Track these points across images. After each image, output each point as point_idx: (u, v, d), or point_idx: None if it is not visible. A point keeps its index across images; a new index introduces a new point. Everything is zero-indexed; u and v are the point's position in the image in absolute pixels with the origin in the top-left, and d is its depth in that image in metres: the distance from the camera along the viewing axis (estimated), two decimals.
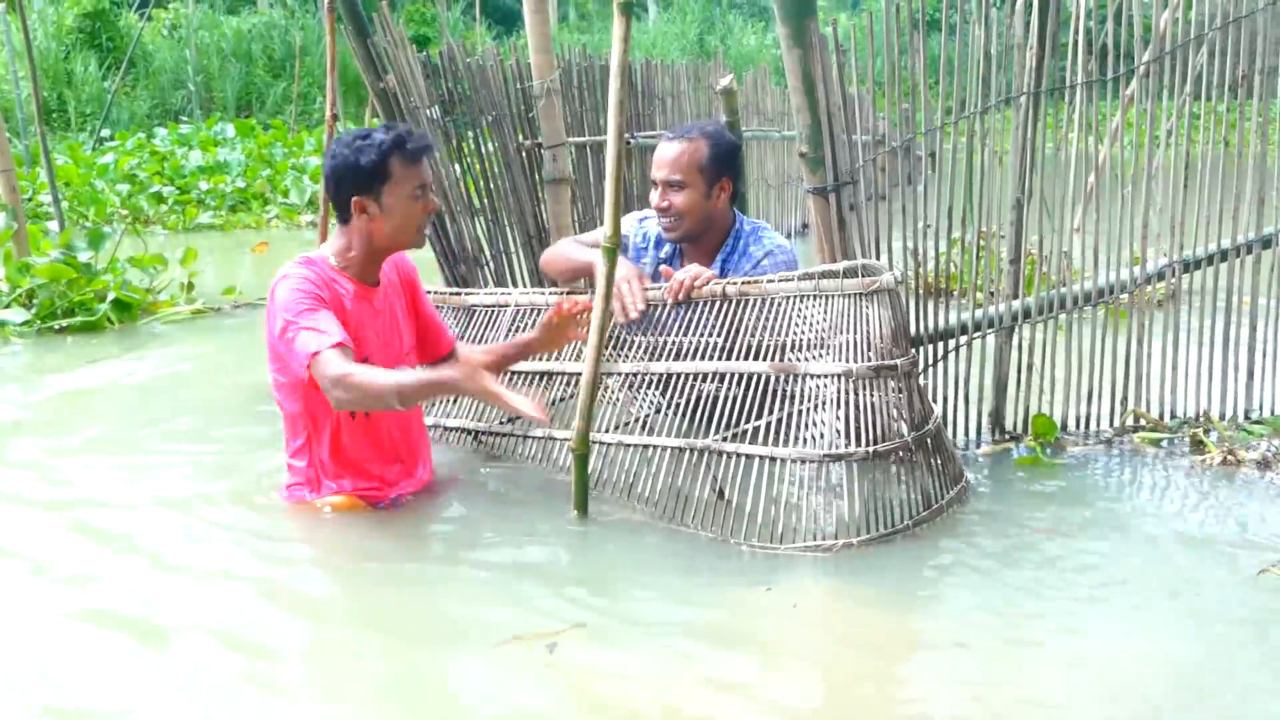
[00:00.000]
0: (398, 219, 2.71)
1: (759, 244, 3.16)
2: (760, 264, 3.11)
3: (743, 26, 27.10)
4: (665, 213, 3.08)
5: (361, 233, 2.73)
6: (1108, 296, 3.31)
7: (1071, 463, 3.19)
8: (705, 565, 2.51)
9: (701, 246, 3.15)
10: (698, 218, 3.07)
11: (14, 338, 5.24)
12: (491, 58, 4.37)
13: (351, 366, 2.50)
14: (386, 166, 2.67)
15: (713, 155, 3.04)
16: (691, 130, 3.12)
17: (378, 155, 2.65)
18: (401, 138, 2.68)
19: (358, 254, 2.76)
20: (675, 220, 3.08)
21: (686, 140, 3.06)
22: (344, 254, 2.76)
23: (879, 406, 2.65)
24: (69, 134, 15.80)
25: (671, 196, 3.05)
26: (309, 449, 2.79)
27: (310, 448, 2.79)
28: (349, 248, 2.76)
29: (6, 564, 2.55)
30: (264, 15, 20.95)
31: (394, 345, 2.86)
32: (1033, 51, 3.13)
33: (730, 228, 3.18)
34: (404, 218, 2.71)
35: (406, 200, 2.70)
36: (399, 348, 2.88)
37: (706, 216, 3.09)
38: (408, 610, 2.33)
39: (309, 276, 2.67)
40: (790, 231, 8.94)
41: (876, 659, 2.14)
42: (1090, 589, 2.39)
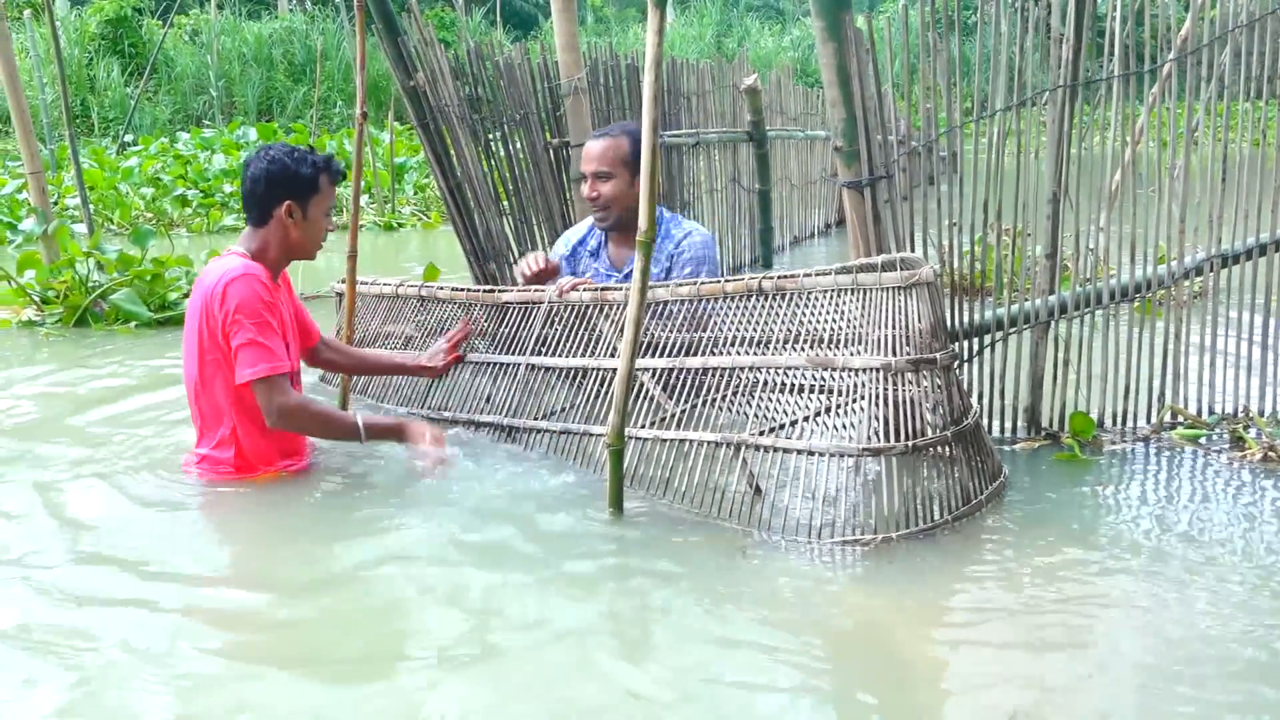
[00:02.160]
0: (312, 231, 3.02)
1: (679, 227, 3.56)
2: (681, 244, 3.50)
3: (759, 29, 27.09)
4: (595, 202, 3.45)
5: (279, 236, 2.99)
6: (1145, 292, 3.28)
7: (1109, 459, 3.16)
8: (739, 562, 2.49)
9: (625, 235, 3.48)
10: (623, 204, 3.43)
11: (50, 337, 5.28)
12: (519, 56, 4.38)
13: (299, 400, 2.94)
14: (318, 181, 2.99)
15: (634, 150, 3.36)
16: (614, 129, 3.52)
17: (312, 170, 2.97)
18: (329, 159, 3.04)
19: (273, 255, 3.01)
20: (604, 209, 3.46)
21: (610, 138, 3.45)
22: (261, 254, 3.00)
23: (918, 401, 2.63)
24: (92, 139, 15.92)
25: (600, 186, 3.43)
26: (236, 434, 2.96)
27: (237, 433, 2.96)
28: (266, 249, 3.00)
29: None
30: (284, 20, 21.05)
31: (296, 336, 3.14)
32: (1068, 45, 3.11)
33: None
34: (316, 230, 3.03)
35: (322, 216, 3.03)
36: (299, 339, 3.18)
37: (630, 204, 3.39)
38: (440, 607, 2.32)
39: (261, 279, 2.91)
40: (814, 231, 8.93)
41: (913, 654, 2.12)
42: (1129, 586, 2.36)
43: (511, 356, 3.44)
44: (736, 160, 6.97)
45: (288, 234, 2.98)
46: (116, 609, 2.31)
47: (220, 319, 2.85)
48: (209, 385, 2.93)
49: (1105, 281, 3.29)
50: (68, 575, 2.47)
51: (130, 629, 2.20)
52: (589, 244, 3.69)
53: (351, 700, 1.94)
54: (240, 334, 2.83)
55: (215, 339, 2.87)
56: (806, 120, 8.65)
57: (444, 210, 10.79)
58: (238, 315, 2.83)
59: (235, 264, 2.90)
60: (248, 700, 1.95)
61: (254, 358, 2.83)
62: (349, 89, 18.65)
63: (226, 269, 2.89)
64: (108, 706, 1.93)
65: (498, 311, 3.52)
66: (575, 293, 3.31)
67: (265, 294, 2.88)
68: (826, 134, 9.05)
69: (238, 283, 2.85)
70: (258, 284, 2.87)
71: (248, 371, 2.84)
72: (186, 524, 2.82)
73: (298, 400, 2.93)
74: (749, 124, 6.97)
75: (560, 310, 3.36)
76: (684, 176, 5.98)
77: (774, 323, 2.86)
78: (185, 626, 2.24)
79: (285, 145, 3.02)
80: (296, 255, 3.06)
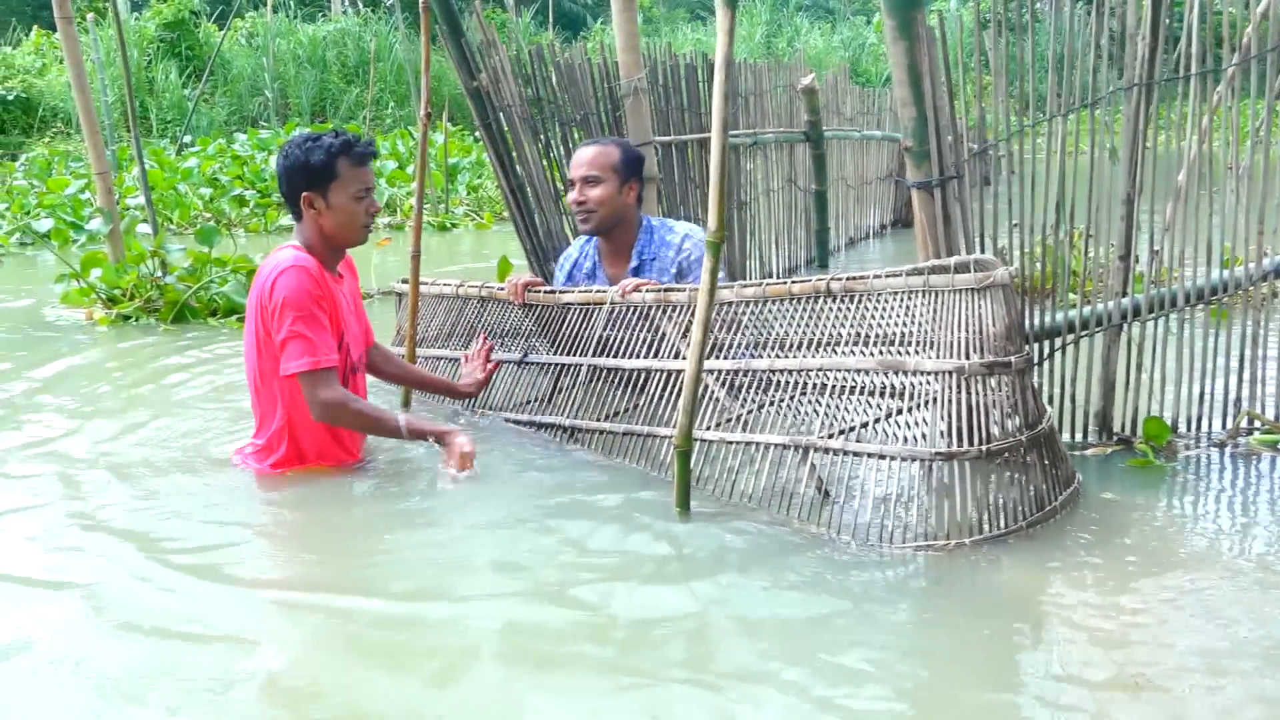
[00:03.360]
0: (342, 217, 2.95)
1: (672, 232, 3.57)
2: (682, 247, 3.52)
3: (809, 28, 26.94)
4: (582, 205, 3.46)
5: (314, 228, 2.97)
6: (1220, 294, 3.21)
7: (1184, 466, 3.09)
8: (810, 563, 2.46)
9: (618, 246, 3.55)
10: (610, 209, 3.46)
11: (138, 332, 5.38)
12: (580, 57, 4.38)
13: (343, 395, 2.91)
14: (334, 167, 2.91)
15: (623, 158, 3.47)
16: (605, 139, 3.61)
17: (326, 156, 2.89)
18: (349, 141, 2.93)
19: (317, 247, 2.99)
20: (590, 213, 3.47)
21: (600, 145, 3.50)
22: (309, 247, 2.99)
23: (992, 405, 2.59)
24: (150, 140, 16.18)
25: (588, 191, 3.45)
26: (286, 426, 2.99)
27: (287, 425, 2.99)
28: (310, 242, 2.99)
29: None
30: (338, 22, 21.27)
31: (360, 330, 3.18)
32: (1144, 42, 3.04)
33: (638, 225, 3.57)
34: (348, 216, 2.95)
35: (351, 200, 2.94)
36: (362, 330, 3.21)
37: (618, 210, 3.47)
38: (505, 614, 2.32)
39: (314, 273, 2.90)
40: (870, 231, 8.85)
41: (983, 661, 2.08)
42: (1206, 595, 2.30)
43: (573, 358, 3.44)
44: (793, 160, 6.93)
45: (320, 224, 2.96)
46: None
47: (270, 311, 2.89)
48: (266, 378, 2.98)
49: (1180, 284, 3.22)
50: (114, 558, 2.50)
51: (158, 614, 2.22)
52: (584, 266, 3.71)
53: (436, 699, 1.94)
54: (286, 327, 2.85)
55: (268, 331, 2.91)
56: (862, 120, 8.58)
57: (496, 211, 10.91)
58: (284, 308, 2.85)
59: (286, 257, 2.93)
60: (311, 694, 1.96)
61: (298, 350, 2.85)
62: (401, 90, 18.80)
63: (277, 262, 2.92)
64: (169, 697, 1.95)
65: (559, 312, 3.52)
66: (638, 294, 3.31)
67: (313, 286, 2.88)
68: (882, 134, 8.98)
69: (285, 275, 2.88)
70: (305, 276, 2.88)
71: (292, 364, 2.86)
72: (231, 514, 2.85)
73: (340, 395, 2.91)
74: (806, 124, 6.93)
75: (622, 311, 3.35)
76: (741, 177, 5.95)
77: (841, 324, 2.83)
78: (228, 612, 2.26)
79: (303, 134, 2.98)
80: (339, 243, 3.01)
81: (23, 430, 3.64)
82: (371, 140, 3.06)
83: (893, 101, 9.24)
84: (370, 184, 2.98)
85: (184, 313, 5.65)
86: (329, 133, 2.95)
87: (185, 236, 9.42)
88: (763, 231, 6.42)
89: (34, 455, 3.35)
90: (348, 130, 3.06)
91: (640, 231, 3.56)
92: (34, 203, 10.03)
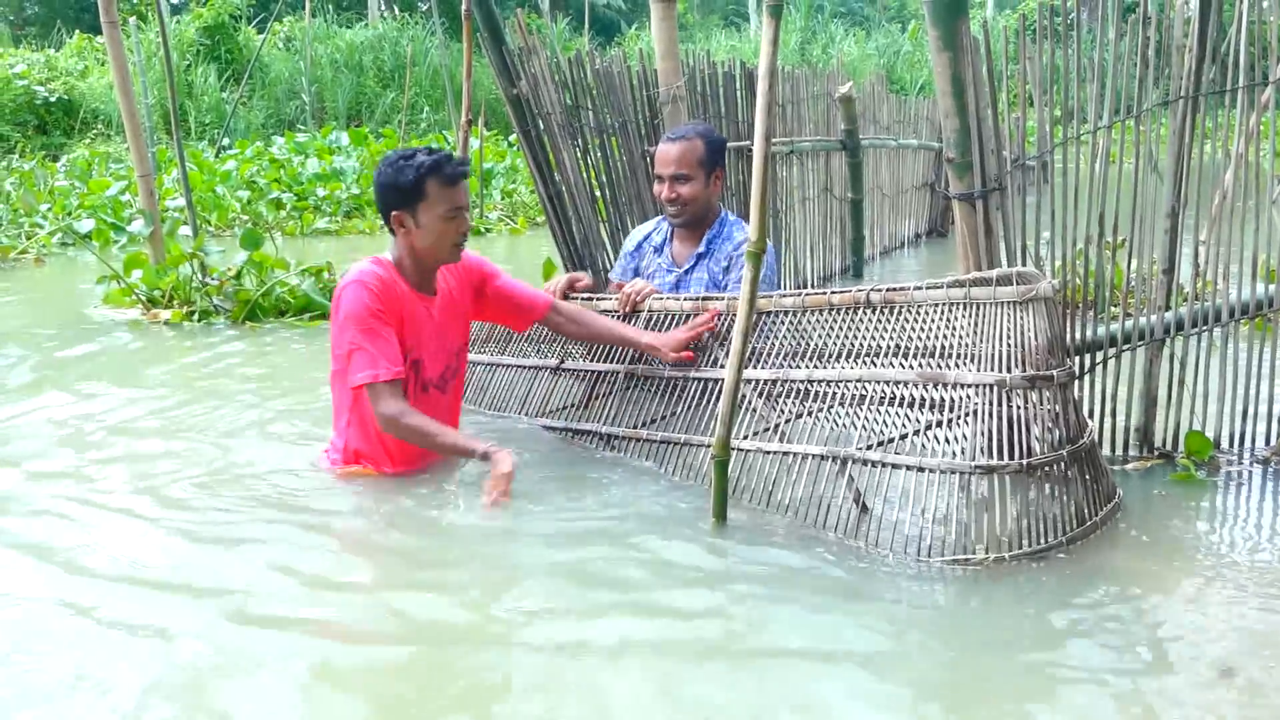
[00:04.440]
0: (432, 237, 2.92)
1: (741, 230, 3.58)
2: (740, 245, 3.50)
3: (844, 35, 26.85)
4: (674, 202, 3.50)
5: (406, 245, 2.96)
6: (1265, 309, 3.17)
7: (1226, 481, 3.06)
8: (846, 576, 2.45)
9: (693, 229, 3.60)
10: (700, 204, 3.52)
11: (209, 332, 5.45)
12: (619, 64, 4.39)
13: (400, 409, 2.87)
14: (423, 187, 2.87)
15: (708, 150, 3.48)
16: (689, 131, 3.54)
17: (415, 175, 2.86)
18: (440, 161, 2.88)
19: (408, 264, 3.00)
20: (681, 208, 3.51)
21: (686, 140, 3.48)
22: (400, 263, 3.00)
23: (1033, 419, 2.57)
24: (189, 142, 16.37)
25: (679, 188, 3.48)
26: (350, 430, 3.06)
27: (355, 428, 3.05)
28: (401, 258, 3.00)
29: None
30: (375, 27, 21.44)
31: (446, 347, 3.13)
32: (1191, 54, 3.02)
33: (717, 215, 3.62)
34: (438, 236, 2.92)
35: (440, 220, 2.91)
36: (450, 349, 3.15)
37: (706, 202, 3.54)
38: (541, 618, 2.33)
39: (374, 287, 2.90)
40: (904, 240, 8.81)
41: (1022, 678, 2.06)
42: (1250, 614, 2.27)
43: (610, 364, 3.45)
44: (829, 169, 6.91)
45: (410, 242, 2.95)
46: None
47: (336, 323, 2.95)
48: (336, 378, 3.05)
49: (1225, 299, 3.19)
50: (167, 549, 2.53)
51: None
52: (654, 239, 3.74)
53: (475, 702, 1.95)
54: (347, 340, 2.89)
55: (335, 345, 2.98)
56: (899, 129, 8.54)
57: (530, 216, 10.95)
58: (347, 322, 2.90)
59: (359, 269, 2.96)
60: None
61: (360, 364, 2.87)
62: (436, 94, 18.92)
63: (350, 272, 2.97)
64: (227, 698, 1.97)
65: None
66: (675, 302, 3.31)
67: (372, 301, 2.88)
68: (918, 143, 8.93)
69: (348, 289, 2.92)
70: (365, 291, 2.89)
71: (357, 377, 2.88)
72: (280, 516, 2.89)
73: (396, 409, 2.87)
74: (842, 132, 6.91)
75: (660, 319, 3.35)
76: (777, 185, 5.94)
77: (881, 335, 2.82)
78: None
79: (400, 151, 2.94)
80: (429, 261, 2.99)
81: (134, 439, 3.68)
82: (465, 160, 3.01)
83: (929, 110, 9.20)
84: (461, 203, 2.92)
85: (254, 312, 5.76)
86: (423, 150, 2.90)
87: (223, 239, 9.51)
88: (798, 239, 6.41)
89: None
90: (441, 148, 3.02)
91: (717, 221, 3.60)
92: (75, 204, 10.16)
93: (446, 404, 3.17)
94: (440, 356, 3.10)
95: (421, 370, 3.04)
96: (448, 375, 3.16)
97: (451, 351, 3.16)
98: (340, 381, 3.03)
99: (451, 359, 3.16)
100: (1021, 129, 3.16)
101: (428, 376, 3.07)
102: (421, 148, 2.94)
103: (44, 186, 11.34)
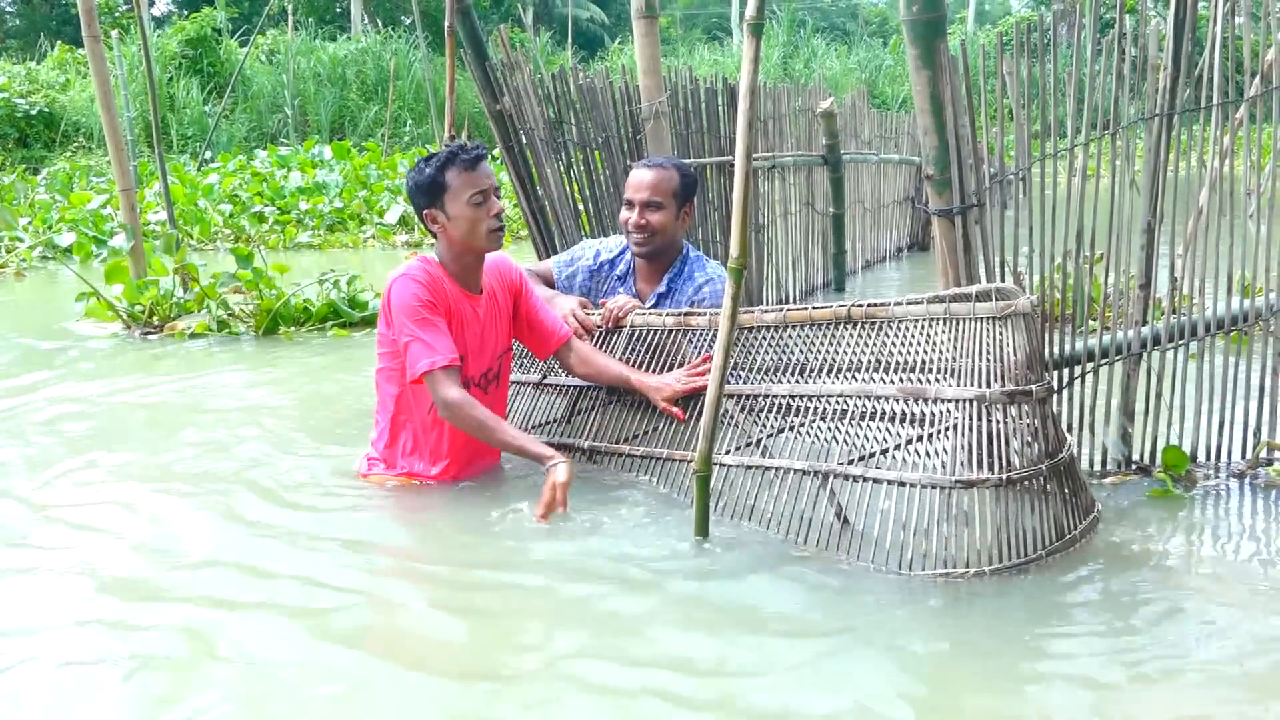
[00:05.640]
0: (464, 224, 2.94)
1: (702, 270, 3.52)
2: (701, 288, 3.47)
3: (825, 49, 27.03)
4: (642, 229, 3.42)
5: (445, 241, 3.01)
6: (1241, 324, 3.20)
7: (1203, 495, 3.08)
8: (829, 590, 2.47)
9: (655, 266, 3.53)
10: (668, 235, 3.45)
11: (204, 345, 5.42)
12: (601, 80, 4.41)
13: (463, 396, 2.89)
14: (443, 178, 2.93)
15: (683, 184, 3.43)
16: (665, 161, 3.49)
17: (434, 170, 2.93)
18: (454, 151, 2.94)
19: (451, 262, 3.03)
20: (649, 236, 3.43)
21: (662, 169, 3.43)
22: (444, 261, 3.05)
23: (1012, 433, 2.60)
24: (171, 156, 16.34)
25: (649, 215, 3.40)
26: (391, 430, 3.11)
27: (394, 428, 3.10)
28: (444, 256, 3.05)
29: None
30: (358, 41, 21.46)
31: (488, 348, 3.15)
32: (1166, 72, 3.06)
33: (680, 253, 3.54)
34: (469, 222, 2.94)
35: (468, 206, 2.93)
36: (493, 351, 3.17)
37: (674, 235, 3.47)
38: (513, 629, 2.33)
39: (422, 280, 2.94)
40: (886, 254, 8.86)
41: (1003, 691, 2.08)
42: (1226, 627, 2.29)
43: None
44: (810, 184, 6.95)
45: (448, 237, 2.99)
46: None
47: (385, 319, 3.01)
48: (379, 382, 3.12)
49: (1200, 313, 3.22)
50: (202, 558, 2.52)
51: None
52: (618, 267, 3.63)
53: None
54: (404, 333, 2.92)
55: (388, 338, 3.02)
56: (880, 144, 8.60)
57: (513, 230, 10.95)
58: (399, 315, 2.93)
59: (404, 266, 3.01)
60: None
61: (417, 353, 2.89)
62: (419, 107, 18.95)
63: (397, 271, 3.00)
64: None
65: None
66: (658, 318, 3.33)
67: (422, 292, 2.92)
68: (899, 158, 9.00)
69: (397, 283, 2.97)
70: (414, 283, 2.94)
71: (417, 367, 2.89)
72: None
73: (460, 395, 2.89)
74: (824, 147, 6.96)
75: (643, 334, 3.36)
76: (759, 200, 5.97)
77: (862, 351, 2.84)
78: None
79: (426, 157, 3.01)
80: (470, 252, 3.00)
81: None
82: (480, 145, 3.01)
83: (910, 125, 9.27)
84: (485, 185, 2.94)
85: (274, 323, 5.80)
86: (440, 151, 2.98)
87: (206, 252, 9.49)
88: (780, 254, 6.44)
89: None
90: (461, 142, 3.06)
91: (679, 259, 3.53)
92: (56, 217, 10.13)
93: (488, 405, 3.11)
94: (483, 356, 3.12)
95: (465, 367, 3.05)
96: (490, 376, 3.17)
97: (495, 353, 3.18)
98: (388, 379, 3.07)
99: (494, 361, 3.18)
100: (1001, 145, 3.20)
101: (470, 374, 3.08)
102: (434, 152, 3.01)
103: (24, 200, 11.29)
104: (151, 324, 5.84)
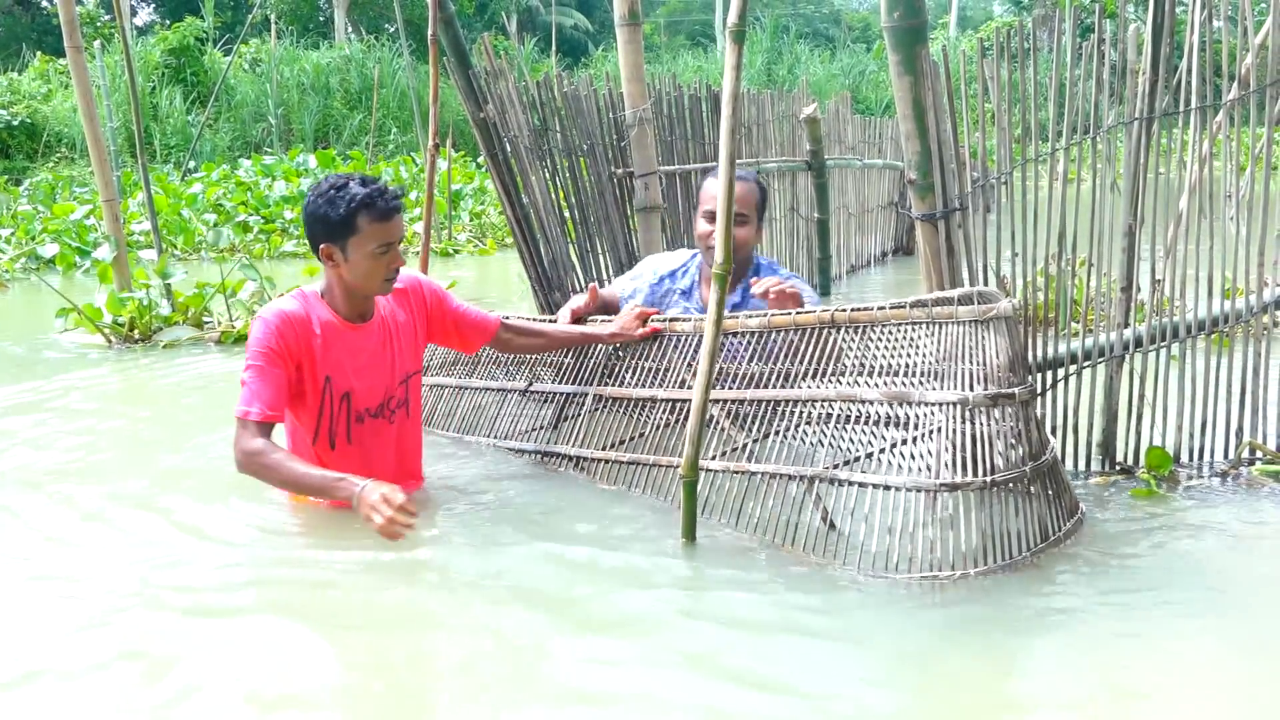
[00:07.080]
0: (360, 271, 2.80)
1: (775, 275, 3.47)
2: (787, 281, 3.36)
3: (809, 55, 27.13)
4: None
5: (334, 276, 2.85)
6: (1222, 325, 3.23)
7: (1187, 495, 3.10)
8: (815, 593, 2.48)
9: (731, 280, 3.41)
10: (749, 250, 3.44)
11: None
12: (586, 88, 4.42)
13: (260, 446, 2.69)
14: (354, 222, 2.74)
15: (762, 198, 3.47)
16: (749, 175, 3.46)
17: (346, 210, 2.73)
18: (373, 195, 2.75)
19: (337, 294, 2.89)
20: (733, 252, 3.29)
21: (744, 182, 3.38)
22: (329, 291, 2.91)
23: (996, 436, 2.61)
24: (154, 165, 16.29)
25: (736, 230, 3.27)
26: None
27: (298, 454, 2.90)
28: (330, 287, 2.90)
29: None
30: (342, 49, 21.44)
31: (384, 374, 2.98)
32: (1145, 78, 3.09)
33: (752, 261, 3.53)
34: (367, 271, 2.80)
35: (369, 257, 2.78)
36: (394, 375, 3.00)
37: (754, 248, 3.49)
38: (504, 647, 2.33)
39: (275, 324, 2.79)
40: (871, 259, 8.90)
41: (988, 693, 2.09)
42: (1209, 624, 2.31)
43: (579, 386, 3.46)
44: (795, 189, 6.98)
45: (340, 275, 2.83)
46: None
47: None
48: None
49: (1182, 315, 3.25)
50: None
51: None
52: (681, 281, 3.57)
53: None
54: (243, 371, 2.80)
55: None
56: (864, 149, 8.64)
57: (499, 238, 10.96)
58: (247, 352, 2.81)
59: (276, 303, 2.86)
60: None
61: (241, 397, 2.76)
62: (404, 115, 18.94)
63: (268, 305, 2.87)
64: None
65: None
66: (681, 322, 3.29)
67: (271, 338, 2.77)
68: (883, 162, 9.04)
69: (254, 323, 2.83)
70: (267, 327, 2.78)
71: (237, 410, 2.76)
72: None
73: (255, 447, 2.69)
74: (808, 153, 6.98)
75: (667, 338, 3.35)
76: None
77: (846, 355, 2.86)
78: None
79: (332, 180, 2.79)
80: (358, 294, 2.87)
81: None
82: (398, 193, 2.84)
83: (894, 130, 9.31)
84: (392, 238, 2.79)
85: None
86: (356, 179, 2.77)
87: (190, 262, 9.46)
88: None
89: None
90: (374, 179, 2.85)
91: (751, 267, 3.49)
92: (39, 228, 10.08)
93: (395, 434, 3.02)
94: (379, 386, 2.97)
95: (353, 401, 2.92)
96: (392, 405, 3.01)
97: (397, 378, 3.01)
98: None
99: (395, 388, 3.01)
100: (983, 149, 3.22)
101: (363, 407, 2.94)
102: (355, 176, 2.79)
103: (7, 211, 11.24)
104: (132, 336, 5.81)
